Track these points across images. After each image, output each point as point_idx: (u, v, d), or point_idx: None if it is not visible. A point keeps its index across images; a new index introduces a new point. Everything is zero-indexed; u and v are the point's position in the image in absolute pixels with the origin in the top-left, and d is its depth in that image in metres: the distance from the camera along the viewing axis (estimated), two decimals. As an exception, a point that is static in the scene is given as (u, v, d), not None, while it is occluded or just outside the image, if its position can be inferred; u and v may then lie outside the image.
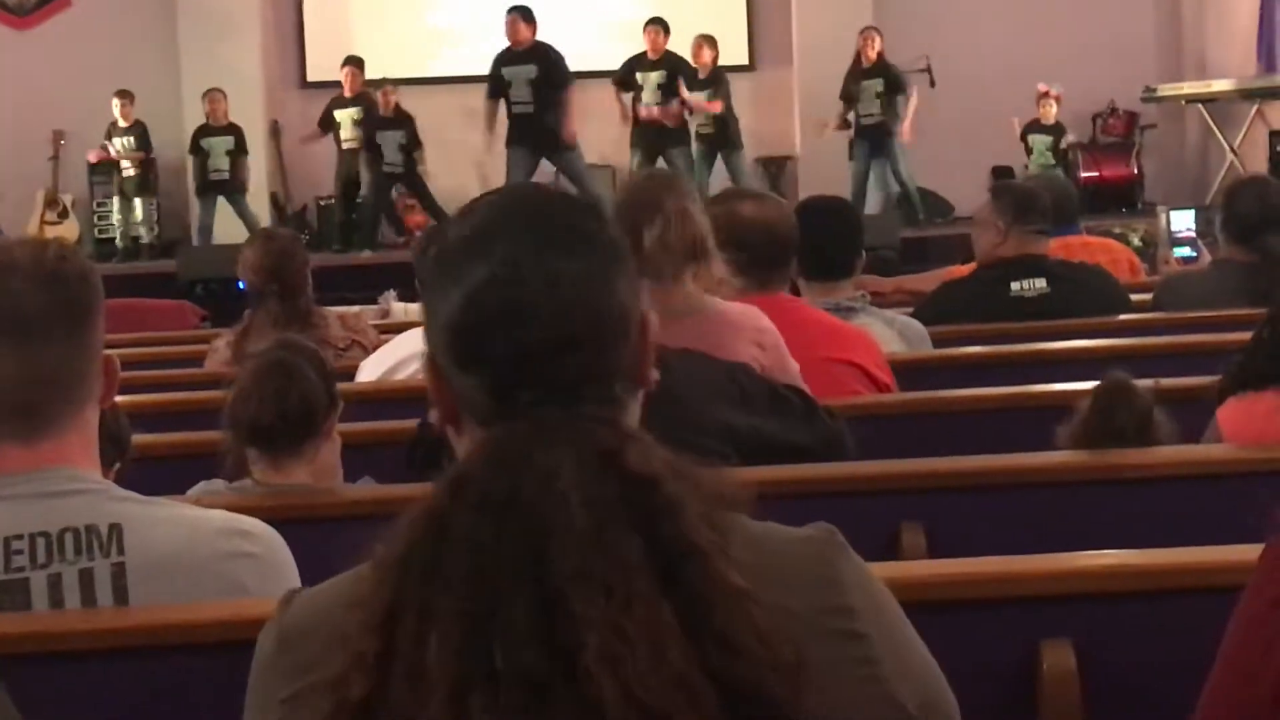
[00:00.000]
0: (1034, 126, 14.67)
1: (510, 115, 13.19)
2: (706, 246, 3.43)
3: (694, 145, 13.94)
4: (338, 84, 15.14)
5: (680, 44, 13.96)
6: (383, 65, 14.64)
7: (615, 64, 14.00)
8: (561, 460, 1.40)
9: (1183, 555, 2.47)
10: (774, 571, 1.43)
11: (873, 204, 14.31)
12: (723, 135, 13.96)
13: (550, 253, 1.49)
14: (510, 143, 13.23)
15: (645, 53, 13.84)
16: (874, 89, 14.08)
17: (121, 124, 14.49)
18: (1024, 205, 5.48)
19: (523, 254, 1.49)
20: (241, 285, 5.47)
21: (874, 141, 14.19)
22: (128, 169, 14.55)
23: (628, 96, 13.88)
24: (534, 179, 13.15)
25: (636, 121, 13.82)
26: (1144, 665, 2.40)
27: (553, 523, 1.36)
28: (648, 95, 13.72)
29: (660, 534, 1.38)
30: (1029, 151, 14.62)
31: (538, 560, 1.35)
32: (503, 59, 13.21)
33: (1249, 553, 2.44)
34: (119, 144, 14.52)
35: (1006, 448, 3.41)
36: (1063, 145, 14.72)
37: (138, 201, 14.69)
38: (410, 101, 14.41)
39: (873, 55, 14.11)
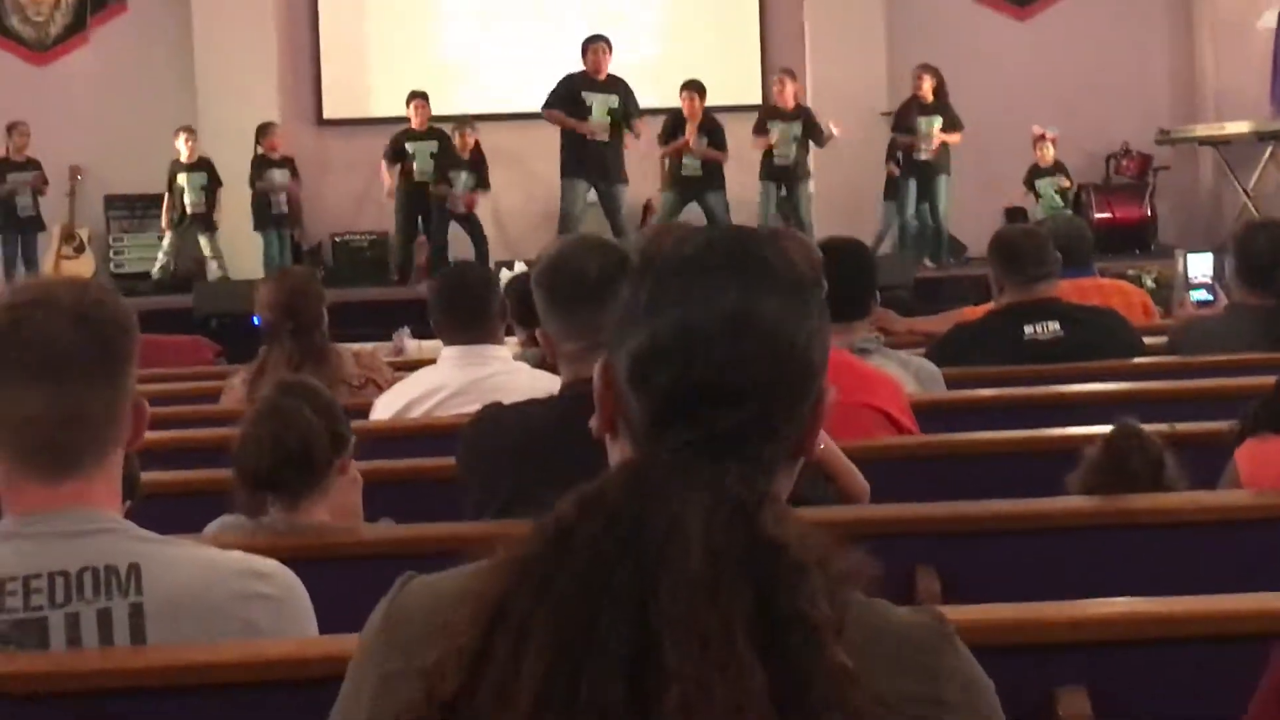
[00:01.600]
0: (1035, 172, 14.65)
1: (577, 141, 13.13)
2: None
3: (764, 183, 13.98)
4: (354, 121, 15.19)
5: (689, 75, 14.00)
6: (396, 103, 14.68)
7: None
8: (693, 505, 1.38)
9: (1198, 603, 2.47)
10: (879, 653, 1.41)
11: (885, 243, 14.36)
12: (802, 168, 14.01)
13: (745, 294, 1.49)
14: (570, 172, 13.16)
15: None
16: (933, 125, 14.04)
17: (185, 160, 14.50)
18: (1009, 256, 5.48)
19: (717, 296, 1.48)
20: (256, 321, 5.48)
21: (924, 177, 14.14)
22: (195, 205, 14.53)
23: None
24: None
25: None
26: (1159, 712, 2.39)
27: (670, 565, 1.35)
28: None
29: (775, 600, 1.35)
30: (1037, 198, 14.58)
31: (646, 598, 1.34)
32: (582, 83, 13.16)
33: (1265, 600, 2.45)
34: (184, 180, 14.50)
35: (1021, 491, 3.40)
36: (1066, 186, 14.70)
37: (202, 239, 14.68)
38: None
39: (928, 93, 14.08)
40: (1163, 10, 16.29)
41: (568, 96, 13.12)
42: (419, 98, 14.41)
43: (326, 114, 16.08)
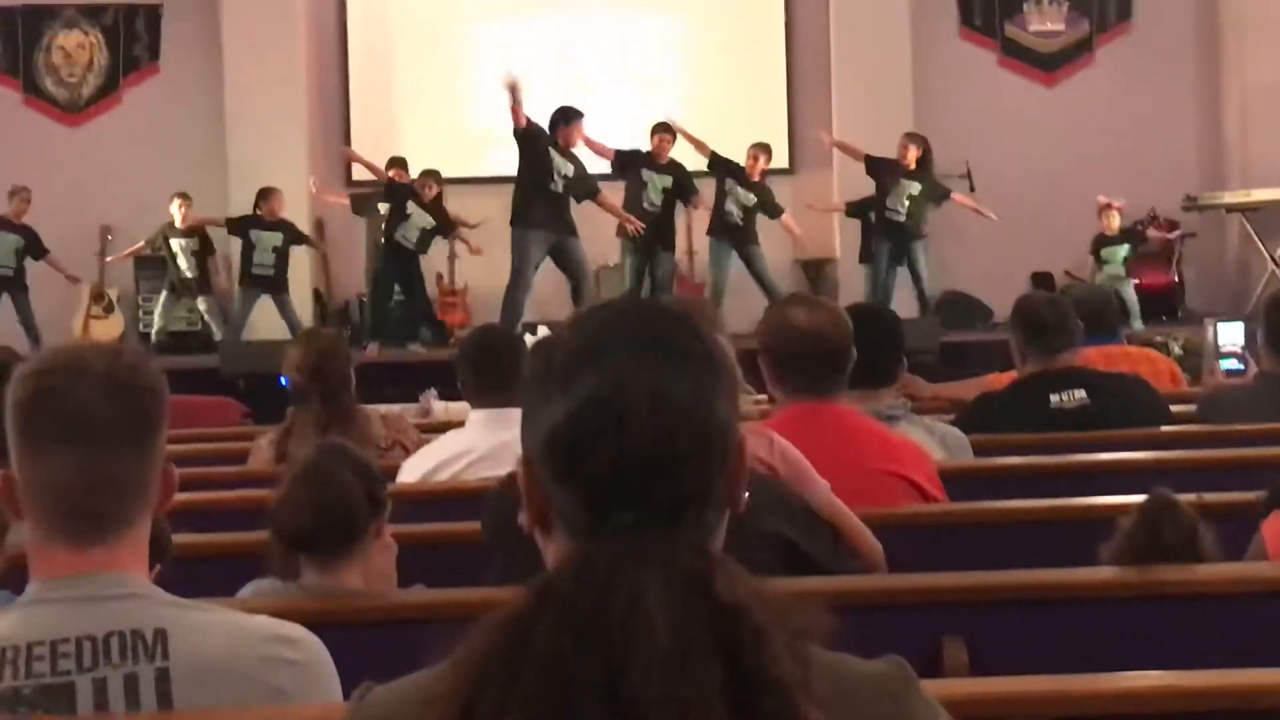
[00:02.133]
0: (1102, 241, 14.58)
1: (544, 195, 12.90)
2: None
3: (715, 240, 14.02)
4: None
5: (722, 147, 14.06)
6: (428, 165, 14.74)
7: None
8: (650, 582, 1.39)
9: (1228, 677, 2.45)
10: (846, 706, 1.42)
11: (904, 307, 14.36)
12: (752, 230, 14.03)
13: (658, 371, 1.49)
14: (521, 221, 12.92)
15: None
16: (908, 190, 14.04)
17: (179, 225, 14.54)
18: (1032, 326, 5.46)
19: (630, 371, 1.48)
20: (283, 381, 5.49)
21: (896, 241, 14.11)
22: (186, 270, 14.58)
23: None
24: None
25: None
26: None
27: (636, 643, 1.35)
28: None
29: (743, 664, 1.36)
30: (1101, 264, 14.52)
31: (616, 679, 1.34)
32: (551, 143, 13.01)
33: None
34: (176, 245, 14.55)
35: (1049, 561, 3.38)
36: (1147, 237, 14.76)
37: (200, 300, 14.72)
38: (456, 201, 14.51)
39: (912, 162, 14.11)
40: (1190, 77, 16.32)
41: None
42: (396, 165, 14.44)
43: (355, 175, 16.15)
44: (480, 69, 16.21)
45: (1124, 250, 14.47)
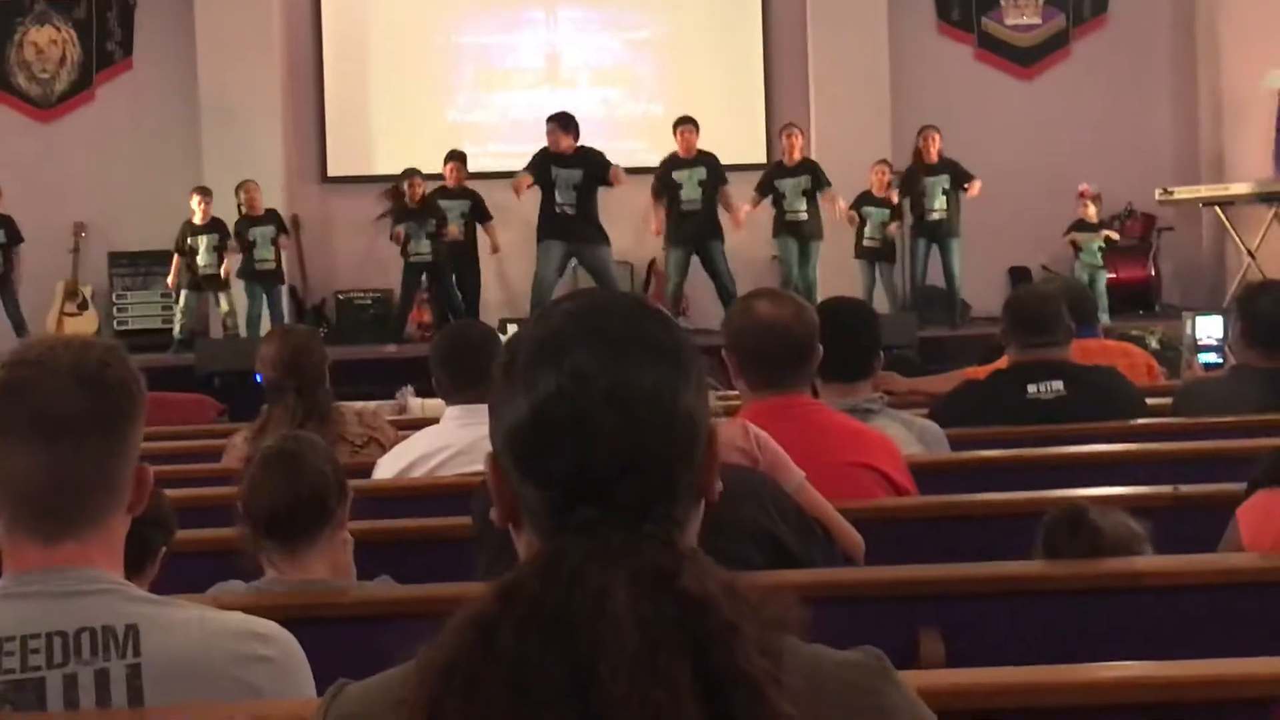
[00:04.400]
0: (1080, 226, 14.61)
1: (548, 206, 13.07)
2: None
3: (787, 239, 13.98)
4: (358, 178, 15.21)
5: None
6: (403, 161, 14.73)
7: (632, 162, 13.94)
8: (615, 580, 1.37)
9: (1201, 667, 2.45)
10: (822, 698, 1.40)
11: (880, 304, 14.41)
12: (813, 224, 14.00)
13: (621, 367, 1.47)
14: (544, 235, 13.14)
15: (676, 153, 13.77)
16: (940, 185, 14.09)
17: (199, 222, 14.25)
18: (1019, 320, 5.48)
19: (593, 368, 1.46)
20: (259, 378, 5.47)
21: (936, 238, 14.18)
22: (208, 267, 14.28)
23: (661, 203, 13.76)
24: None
25: (672, 220, 13.70)
26: (1165, 778, 2.37)
27: (603, 643, 1.33)
28: (689, 192, 13.61)
29: (712, 660, 1.34)
30: (1077, 251, 14.57)
31: (584, 680, 1.32)
32: (552, 159, 13.02)
33: (1267, 665, 2.44)
34: (198, 241, 14.26)
35: (1025, 553, 3.38)
36: (1115, 238, 14.77)
37: (222, 296, 14.42)
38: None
39: (934, 154, 14.15)
40: (1166, 71, 16.38)
41: (540, 166, 13.08)
42: (455, 159, 14.48)
43: (331, 172, 16.14)
44: (456, 65, 16.23)
45: (1098, 241, 14.48)
